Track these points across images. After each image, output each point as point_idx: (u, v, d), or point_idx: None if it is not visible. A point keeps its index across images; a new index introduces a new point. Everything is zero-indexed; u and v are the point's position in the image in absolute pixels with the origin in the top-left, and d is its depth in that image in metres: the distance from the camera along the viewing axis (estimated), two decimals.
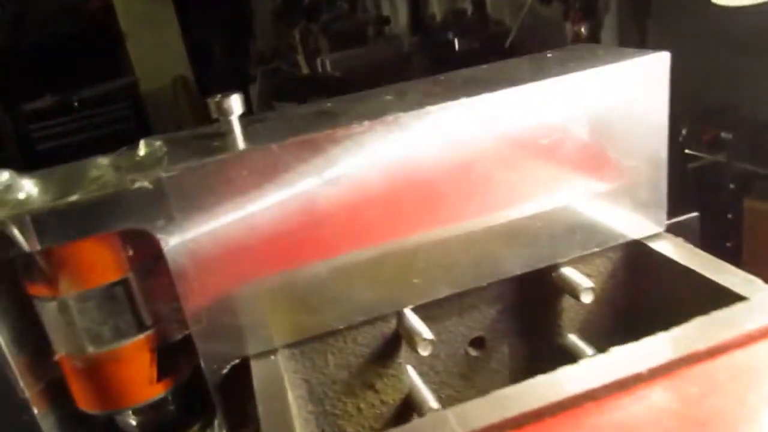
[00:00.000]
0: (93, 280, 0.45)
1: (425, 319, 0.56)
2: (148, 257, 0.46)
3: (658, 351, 0.44)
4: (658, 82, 0.53)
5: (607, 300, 0.60)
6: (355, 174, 0.48)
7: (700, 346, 0.43)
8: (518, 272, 0.55)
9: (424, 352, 0.51)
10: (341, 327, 0.52)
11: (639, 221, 0.57)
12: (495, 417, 0.40)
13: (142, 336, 0.48)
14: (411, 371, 0.58)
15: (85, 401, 0.48)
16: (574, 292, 0.55)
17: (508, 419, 0.40)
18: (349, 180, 0.48)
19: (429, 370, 0.60)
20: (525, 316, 0.61)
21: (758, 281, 0.50)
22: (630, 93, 0.53)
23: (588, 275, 0.59)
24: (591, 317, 0.61)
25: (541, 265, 0.56)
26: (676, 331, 0.45)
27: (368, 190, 0.49)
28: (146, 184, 0.43)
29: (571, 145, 0.53)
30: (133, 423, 0.51)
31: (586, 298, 0.55)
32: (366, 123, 0.48)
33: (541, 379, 0.43)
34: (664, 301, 0.56)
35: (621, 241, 0.57)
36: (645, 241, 0.58)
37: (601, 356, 0.45)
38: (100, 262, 0.45)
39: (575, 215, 0.55)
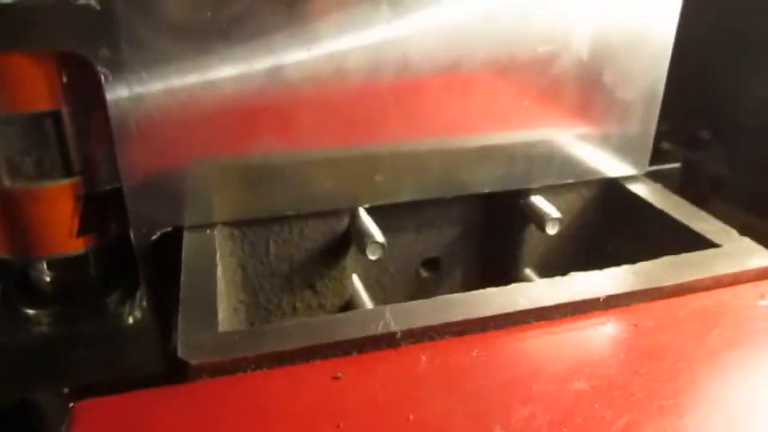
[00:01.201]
0: (20, 103, 0.40)
1: (382, 227, 0.52)
2: (86, 92, 0.41)
3: (619, 281, 0.41)
4: (669, 10, 0.49)
5: (572, 237, 0.57)
6: (332, 47, 0.44)
7: (664, 282, 0.41)
8: (487, 190, 0.52)
9: (373, 255, 0.48)
10: (289, 214, 0.48)
11: (621, 160, 0.54)
12: (436, 319, 0.37)
13: (67, 180, 0.43)
14: (356, 280, 0.55)
15: None
16: (540, 221, 0.52)
17: (449, 323, 0.37)
18: (327, 60, 0.44)
19: (375, 283, 0.56)
20: (486, 243, 0.58)
21: (733, 232, 0.47)
22: (638, 16, 0.49)
23: (557, 209, 0.55)
24: (553, 254, 0.58)
25: (512, 187, 0.52)
26: (642, 266, 0.42)
27: (344, 70, 0.44)
28: (92, 1, 0.38)
29: (568, 61, 0.49)
30: (47, 279, 0.47)
31: (552, 230, 0.52)
32: None
33: (493, 291, 0.40)
34: (633, 244, 0.54)
35: (598, 176, 0.54)
36: (622, 182, 0.55)
37: (560, 279, 0.41)
38: (31, 84, 0.40)
39: (557, 142, 0.52)
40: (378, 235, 0.48)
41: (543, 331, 0.38)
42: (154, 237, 0.45)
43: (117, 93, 0.40)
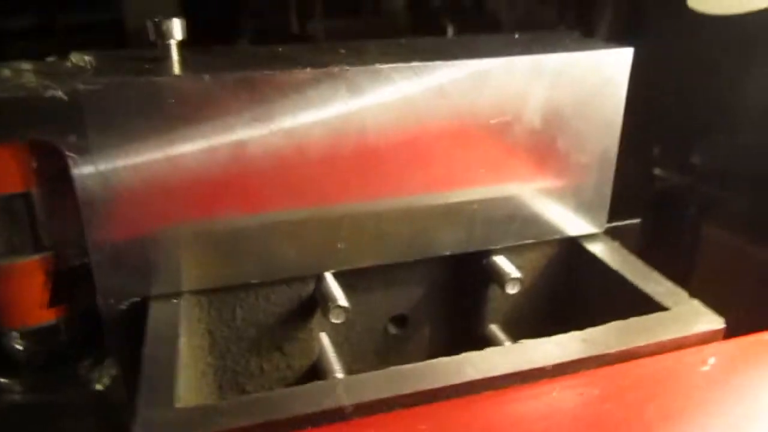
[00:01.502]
0: None
1: (348, 287, 0.54)
2: (55, 175, 0.43)
3: (567, 348, 0.42)
4: (618, 77, 0.52)
5: (536, 295, 0.59)
6: (292, 125, 0.46)
7: (610, 349, 0.42)
8: (448, 252, 0.53)
9: (336, 319, 0.49)
10: (254, 282, 0.49)
11: (579, 219, 0.56)
12: (386, 392, 0.39)
13: (38, 256, 0.45)
14: (324, 338, 0.56)
15: None
16: (501, 280, 0.54)
17: (399, 395, 0.38)
18: (285, 131, 0.46)
19: (344, 341, 0.58)
20: (452, 301, 0.59)
21: (683, 294, 0.49)
22: (588, 84, 0.51)
23: (520, 267, 0.57)
24: (518, 311, 0.59)
25: (473, 249, 0.54)
26: (591, 332, 0.44)
27: (305, 145, 0.47)
28: (60, 93, 0.40)
29: (521, 130, 0.51)
30: (20, 348, 0.49)
31: (512, 289, 0.54)
32: (308, 70, 0.45)
33: (443, 361, 0.42)
34: (590, 302, 0.55)
35: (558, 236, 0.56)
36: (581, 241, 0.57)
37: (510, 346, 0.43)
38: (3, 169, 0.42)
39: (515, 204, 0.54)
40: (341, 299, 0.50)
41: (490, 402, 0.39)
42: (122, 307, 0.47)
43: (84, 175, 0.42)
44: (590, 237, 0.57)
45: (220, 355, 0.52)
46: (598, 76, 0.51)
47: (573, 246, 0.57)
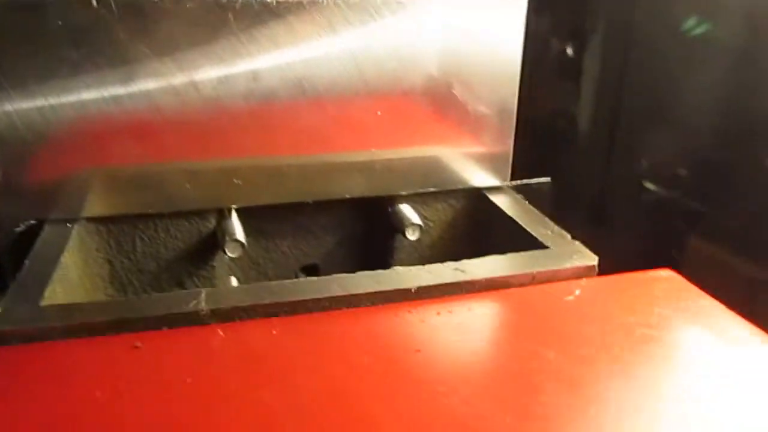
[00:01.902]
0: None
1: (257, 231, 0.56)
2: None
3: (437, 274, 0.44)
4: (515, 27, 0.53)
5: (442, 245, 0.60)
6: (184, 58, 0.48)
7: (478, 277, 0.43)
8: (347, 196, 0.55)
9: (232, 253, 0.51)
10: (152, 212, 0.51)
11: (481, 172, 0.57)
12: (246, 301, 0.40)
13: None
14: (234, 282, 0.57)
15: None
16: (401, 226, 0.55)
17: (259, 304, 0.40)
18: (176, 63, 0.47)
19: None
20: (362, 251, 0.60)
21: (568, 237, 0.50)
22: (485, 33, 0.53)
23: (426, 218, 0.59)
24: (426, 260, 0.60)
25: (374, 194, 0.55)
26: (465, 263, 0.45)
27: (203, 89, 0.48)
28: None
29: (419, 76, 0.52)
30: None
31: (412, 235, 0.55)
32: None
33: (312, 279, 0.43)
34: (490, 249, 0.56)
35: (460, 186, 0.57)
36: (486, 193, 0.58)
37: (383, 271, 0.44)
38: None
39: (415, 152, 0.55)
40: (239, 234, 0.51)
41: (345, 316, 0.40)
42: (17, 229, 0.48)
43: None
44: (496, 190, 0.58)
45: (121, 286, 0.53)
46: (491, 24, 0.53)
47: (478, 198, 0.58)
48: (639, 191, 0.79)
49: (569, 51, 0.78)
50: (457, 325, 0.40)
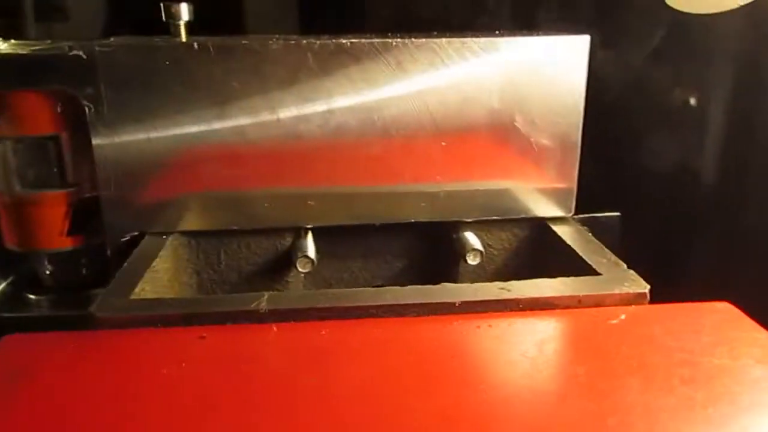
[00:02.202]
0: (29, 128, 0.53)
1: (329, 253, 0.61)
2: (79, 122, 0.54)
3: (481, 292, 0.46)
4: (577, 63, 0.55)
5: (506, 273, 0.62)
6: (267, 93, 0.54)
7: (523, 295, 0.45)
8: (413, 220, 0.58)
9: (303, 269, 0.56)
10: (234, 228, 0.57)
11: (545, 202, 0.59)
12: (303, 304, 0.44)
13: (62, 190, 0.55)
14: None
15: (8, 236, 0.57)
16: (462, 251, 0.58)
17: (313, 308, 0.44)
18: (264, 100, 0.54)
19: None
20: (427, 275, 0.63)
21: (623, 265, 0.50)
22: (547, 69, 0.55)
23: (490, 246, 0.61)
24: None
25: (439, 219, 0.59)
26: (513, 283, 0.47)
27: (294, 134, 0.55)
28: (80, 52, 0.51)
29: (481, 109, 0.56)
30: (47, 271, 0.59)
31: (473, 260, 0.57)
32: (279, 39, 0.53)
33: (368, 290, 0.47)
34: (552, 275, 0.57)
35: (522, 215, 0.59)
36: (549, 223, 0.59)
37: (432, 286, 0.47)
38: (37, 114, 0.53)
39: (478, 183, 0.58)
40: (310, 251, 0.56)
41: (390, 323, 0.44)
42: (124, 239, 0.56)
43: (96, 120, 0.53)
44: (559, 221, 0.60)
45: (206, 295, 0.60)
46: (557, 61, 0.55)
47: (541, 228, 0.60)
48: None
49: (692, 101, 0.78)
50: (494, 337, 0.42)
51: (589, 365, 0.39)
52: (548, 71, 0.55)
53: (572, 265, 0.53)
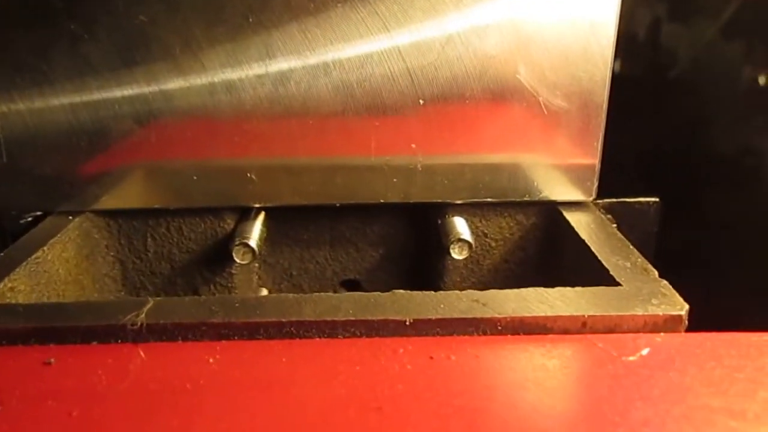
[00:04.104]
0: None
1: (290, 240, 0.49)
2: None
3: (450, 305, 0.33)
4: (603, 16, 0.41)
5: (507, 271, 0.49)
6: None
7: (501, 314, 0.32)
8: (383, 201, 0.45)
9: (240, 260, 0.44)
10: (158, 207, 0.45)
11: (557, 181, 0.45)
12: (193, 318, 0.32)
13: None
14: (265, 293, 0.51)
15: None
16: (446, 242, 0.45)
17: (204, 323, 0.32)
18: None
19: None
20: (409, 269, 0.51)
21: (653, 273, 0.36)
22: (562, 2, 0.41)
23: (486, 236, 0.48)
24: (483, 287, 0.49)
25: (417, 199, 0.45)
26: (489, 293, 0.34)
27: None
28: None
29: (476, 58, 0.42)
30: None
31: (459, 254, 0.44)
32: None
33: (285, 297, 0.34)
34: (545, 274, 0.44)
35: (527, 198, 0.45)
36: (562, 209, 0.46)
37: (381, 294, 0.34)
38: None
39: (469, 153, 0.44)
40: (253, 238, 0.44)
41: (306, 350, 0.31)
42: (23, 221, 0.45)
43: None
44: (575, 206, 0.46)
45: (134, 290, 0.49)
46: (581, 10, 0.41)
47: (553, 214, 0.46)
48: None
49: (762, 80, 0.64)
50: (449, 375, 0.29)
51: None
52: (564, 5, 0.41)
53: (584, 267, 0.40)
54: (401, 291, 0.35)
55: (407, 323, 0.32)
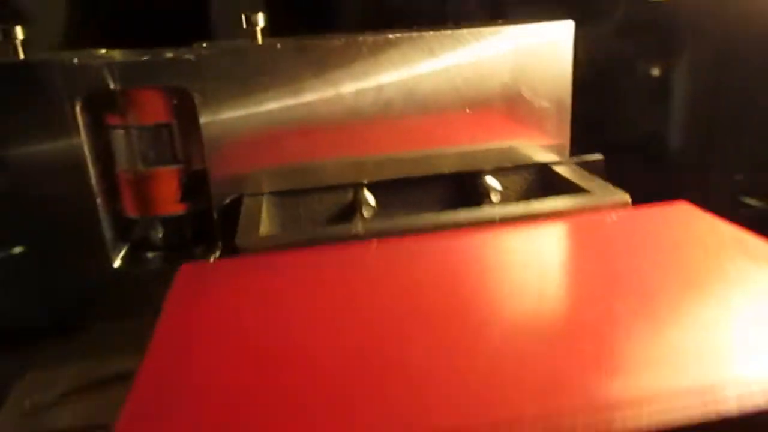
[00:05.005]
0: (149, 118, 0.68)
1: (379, 205, 0.77)
2: (188, 112, 0.69)
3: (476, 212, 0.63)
4: (565, 42, 0.73)
5: None
6: (339, 84, 0.70)
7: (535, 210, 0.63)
8: (447, 171, 0.75)
9: (366, 213, 0.72)
10: (308, 188, 0.73)
11: (546, 151, 0.77)
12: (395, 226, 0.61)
13: (174, 166, 0.70)
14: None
15: (129, 206, 0.71)
16: (486, 192, 0.75)
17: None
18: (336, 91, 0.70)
19: None
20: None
21: (609, 186, 0.68)
22: (544, 48, 0.73)
23: (506, 187, 0.78)
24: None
25: (466, 169, 0.76)
26: (504, 206, 0.64)
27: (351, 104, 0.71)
28: (191, 56, 0.66)
29: (498, 84, 0.73)
30: (159, 235, 0.74)
31: (495, 198, 0.75)
32: (342, 38, 0.69)
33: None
34: None
35: (530, 162, 0.77)
36: (551, 166, 0.77)
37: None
38: (155, 106, 0.68)
39: (495, 140, 0.75)
40: (371, 200, 0.73)
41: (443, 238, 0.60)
42: (226, 201, 0.71)
43: (203, 111, 0.68)
44: (558, 164, 0.77)
45: None
46: (548, 41, 0.73)
47: (545, 170, 0.78)
48: (737, 207, 0.92)
49: (655, 72, 0.94)
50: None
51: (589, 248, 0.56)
52: (544, 50, 0.73)
53: (570, 191, 0.71)
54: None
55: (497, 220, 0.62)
